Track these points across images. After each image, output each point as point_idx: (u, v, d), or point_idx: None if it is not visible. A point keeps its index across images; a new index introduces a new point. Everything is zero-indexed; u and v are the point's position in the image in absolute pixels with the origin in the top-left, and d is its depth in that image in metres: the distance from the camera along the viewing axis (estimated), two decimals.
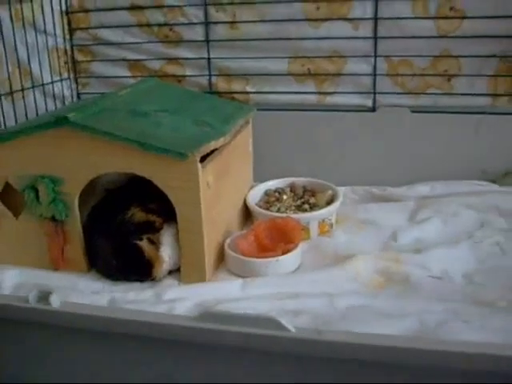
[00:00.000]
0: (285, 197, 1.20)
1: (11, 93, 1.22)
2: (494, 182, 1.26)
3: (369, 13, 1.25)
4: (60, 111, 1.24)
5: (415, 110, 1.28)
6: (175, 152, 0.89)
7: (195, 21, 1.34)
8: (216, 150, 1.00)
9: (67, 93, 1.41)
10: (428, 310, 0.84)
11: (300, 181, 1.25)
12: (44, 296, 0.56)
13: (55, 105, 1.37)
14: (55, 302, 0.57)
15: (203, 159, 0.93)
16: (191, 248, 0.96)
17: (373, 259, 0.99)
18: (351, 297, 0.91)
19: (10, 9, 1.21)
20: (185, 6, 1.33)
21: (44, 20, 1.31)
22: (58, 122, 0.93)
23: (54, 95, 1.36)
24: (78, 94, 1.46)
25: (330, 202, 1.17)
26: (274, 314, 0.53)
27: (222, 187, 1.03)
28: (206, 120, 1.07)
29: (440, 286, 0.92)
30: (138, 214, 0.98)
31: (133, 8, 1.36)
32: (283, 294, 0.92)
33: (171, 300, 0.91)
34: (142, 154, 0.91)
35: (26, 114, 1.25)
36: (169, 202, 0.94)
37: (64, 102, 1.40)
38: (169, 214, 0.97)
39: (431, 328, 0.78)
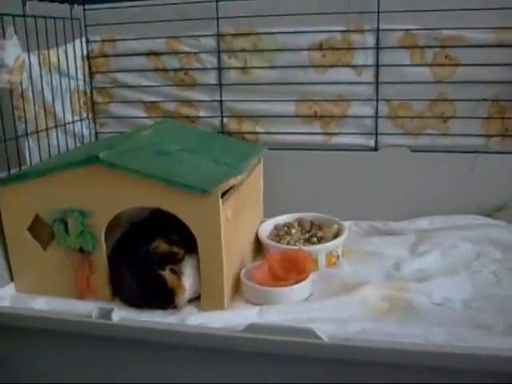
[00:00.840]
0: (293, 231, 1.28)
1: (37, 132, 1.30)
2: (488, 215, 1.34)
3: (371, 60, 1.35)
4: (82, 149, 1.32)
5: (414, 150, 1.37)
6: (199, 189, 0.97)
7: (209, 66, 1.43)
8: (233, 186, 1.08)
9: (86, 132, 1.49)
10: (431, 332, 0.92)
11: (307, 216, 1.32)
12: (105, 312, 0.63)
13: (75, 143, 1.45)
14: (116, 316, 0.64)
15: (222, 195, 1.01)
16: (211, 277, 1.03)
17: (378, 287, 1.07)
18: (359, 322, 0.98)
19: (38, 54, 1.30)
20: (200, 52, 1.42)
21: (67, 64, 1.40)
22: (90, 160, 1.01)
23: (74, 134, 1.45)
24: (96, 134, 1.54)
25: (336, 235, 1.25)
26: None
27: (238, 221, 1.10)
28: (223, 159, 1.15)
29: (441, 311, 1.00)
30: (161, 246, 1.05)
31: (150, 54, 1.45)
32: (297, 319, 0.99)
33: (196, 325, 0.98)
34: (167, 190, 0.99)
35: (50, 152, 1.33)
36: (190, 234, 1.02)
37: (83, 141, 1.48)
38: (190, 245, 1.05)
39: None
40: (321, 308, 1.02)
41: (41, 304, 1.07)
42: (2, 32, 1.16)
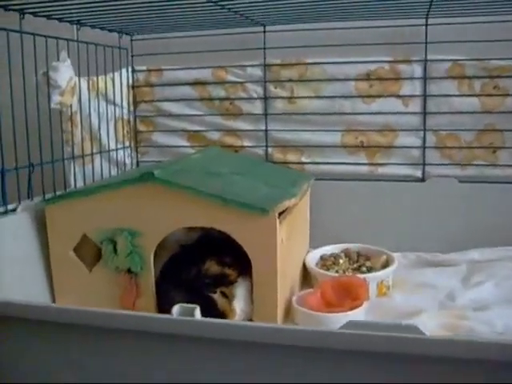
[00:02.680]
0: (341, 261, 1.25)
1: (82, 156, 1.30)
2: None
3: (418, 90, 1.35)
4: (126, 174, 1.32)
5: (462, 180, 1.35)
6: (257, 208, 0.95)
7: (255, 96, 1.44)
8: (287, 209, 1.06)
9: (127, 160, 1.49)
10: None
11: (354, 246, 1.30)
12: (188, 311, 0.61)
13: (117, 171, 1.45)
14: (199, 315, 0.61)
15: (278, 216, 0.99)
16: (265, 301, 0.99)
17: (435, 316, 1.03)
18: None
19: (88, 80, 1.31)
20: (246, 82, 1.43)
21: (114, 92, 1.41)
22: (144, 177, 1.00)
23: (116, 161, 1.44)
24: (138, 162, 1.54)
25: (385, 265, 1.22)
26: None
27: (290, 246, 1.08)
28: (274, 182, 1.14)
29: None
30: (213, 267, 1.01)
31: (196, 83, 1.46)
32: None
33: None
34: (222, 209, 0.96)
35: (93, 177, 1.32)
36: (242, 256, 0.99)
37: (124, 169, 1.48)
38: (242, 267, 1.02)
39: None
40: None
41: None
42: (56, 54, 1.17)
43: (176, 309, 0.62)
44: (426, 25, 1.30)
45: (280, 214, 1.01)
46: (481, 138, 1.34)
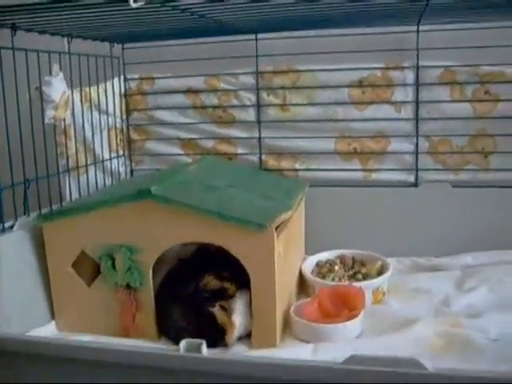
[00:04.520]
0: (336, 267, 1.26)
1: (77, 168, 1.30)
2: None
3: (410, 97, 1.36)
4: (122, 186, 1.32)
5: (455, 185, 1.36)
6: (255, 223, 0.96)
7: (248, 103, 1.44)
8: (283, 222, 1.07)
9: (121, 169, 1.49)
10: (496, 369, 0.89)
11: (349, 252, 1.31)
12: (194, 345, 0.61)
13: (111, 180, 1.45)
14: (205, 350, 0.62)
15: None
16: (263, 314, 1.00)
17: (430, 324, 1.04)
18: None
19: (80, 92, 1.31)
20: (238, 90, 1.43)
21: (106, 102, 1.41)
22: (141, 194, 1.00)
23: (111, 171, 1.44)
24: (132, 171, 1.54)
25: (380, 271, 1.23)
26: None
27: (287, 257, 1.09)
28: (270, 194, 1.15)
29: (499, 347, 0.97)
30: (212, 282, 1.02)
31: (189, 91, 1.46)
32: None
33: None
34: (220, 224, 0.97)
35: (88, 189, 1.32)
36: (240, 270, 1.00)
37: (119, 178, 1.48)
38: (240, 281, 1.03)
39: None
40: (376, 345, 1.00)
41: None
42: (48, 68, 1.17)
43: (183, 344, 0.63)
44: (418, 31, 1.31)
45: (277, 227, 1.02)
46: (473, 143, 1.35)
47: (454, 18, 1.21)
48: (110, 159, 1.44)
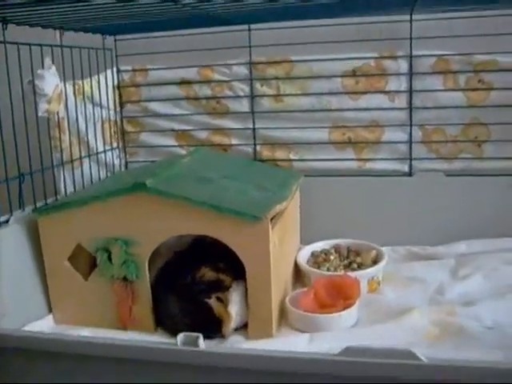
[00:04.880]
0: (332, 257, 1.27)
1: (71, 161, 1.30)
2: None
3: (404, 86, 1.36)
4: (118, 178, 1.32)
5: (449, 174, 1.37)
6: (250, 215, 0.96)
7: (241, 94, 1.44)
8: (278, 213, 1.07)
9: (116, 161, 1.49)
10: (490, 356, 0.90)
11: (344, 242, 1.32)
12: (191, 339, 0.62)
13: (106, 173, 1.45)
14: (202, 344, 0.62)
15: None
16: (259, 305, 1.01)
17: (425, 312, 1.05)
18: (414, 348, 0.95)
19: (73, 84, 1.30)
20: (232, 80, 1.43)
21: (100, 94, 1.41)
22: (136, 187, 1.00)
23: (105, 164, 1.44)
24: (126, 163, 1.54)
25: (375, 260, 1.24)
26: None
27: (282, 248, 1.09)
28: (264, 185, 1.15)
29: (494, 335, 0.98)
30: (208, 274, 1.03)
31: (182, 83, 1.46)
32: None
33: None
34: (215, 216, 0.98)
35: (83, 182, 1.32)
36: (236, 261, 1.00)
37: (113, 170, 1.48)
38: (236, 272, 1.03)
39: None
40: (372, 334, 1.01)
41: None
42: (41, 62, 1.16)
43: (180, 338, 0.63)
44: (411, 20, 1.31)
45: (272, 218, 1.03)
46: (466, 132, 1.36)
47: (446, 7, 1.21)
48: (105, 152, 1.43)
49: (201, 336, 0.64)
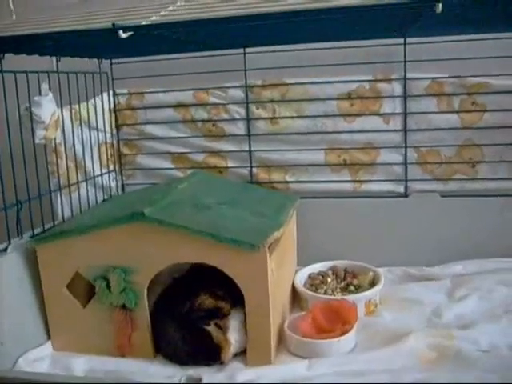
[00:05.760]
0: (329, 279, 1.27)
1: (69, 186, 1.30)
2: None
3: (398, 108, 1.37)
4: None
5: (444, 195, 1.38)
6: (248, 244, 0.97)
7: (237, 117, 1.45)
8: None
9: (113, 184, 1.49)
10: (485, 381, 0.92)
11: (341, 263, 1.32)
12: (193, 381, 0.62)
13: (103, 195, 1.45)
14: None
15: None
16: (258, 331, 1.02)
17: (423, 336, 1.06)
18: (412, 373, 0.97)
19: (70, 109, 1.31)
20: (228, 103, 1.44)
21: (96, 118, 1.41)
22: (135, 217, 1.01)
23: (102, 187, 1.45)
24: (123, 185, 1.54)
25: (372, 282, 1.25)
26: None
27: (280, 273, 1.10)
28: (262, 211, 1.16)
29: (490, 358, 0.99)
30: (207, 301, 1.03)
31: (178, 106, 1.47)
32: (348, 372, 0.99)
33: (246, 382, 0.97)
34: (213, 245, 0.98)
35: (80, 206, 1.33)
36: (234, 287, 1.01)
37: (110, 193, 1.48)
38: (234, 298, 1.04)
39: None
40: (370, 359, 1.02)
41: (82, 363, 1.06)
42: (37, 87, 1.17)
43: (183, 379, 0.64)
44: (405, 44, 1.32)
45: (269, 246, 1.03)
46: (461, 153, 1.37)
47: (440, 31, 1.23)
48: (101, 175, 1.44)
49: (203, 378, 0.65)
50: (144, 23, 0.79)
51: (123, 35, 0.78)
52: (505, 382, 0.91)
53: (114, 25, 0.78)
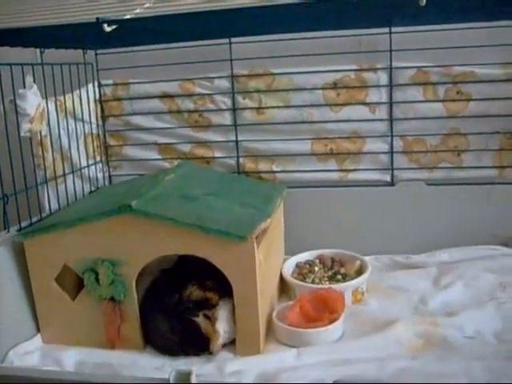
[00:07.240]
0: (316, 268, 1.28)
1: (55, 178, 1.30)
2: (505, 245, 1.35)
3: (384, 98, 1.38)
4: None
5: (430, 183, 1.39)
6: (235, 235, 0.98)
7: (224, 107, 1.44)
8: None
9: (99, 175, 1.49)
10: (470, 368, 0.93)
11: (328, 252, 1.33)
12: (184, 375, 0.63)
13: (90, 187, 1.45)
14: (194, 379, 0.63)
15: None
16: (247, 321, 1.03)
17: (409, 324, 1.08)
18: (398, 360, 0.99)
19: (55, 101, 1.30)
20: (214, 94, 1.44)
21: (81, 109, 1.40)
22: (122, 209, 1.01)
23: (89, 178, 1.44)
24: (110, 176, 1.54)
25: (359, 271, 1.26)
26: None
27: (267, 263, 1.10)
28: (248, 202, 1.16)
29: (475, 345, 1.01)
30: (195, 292, 1.04)
31: (164, 96, 1.46)
32: (336, 360, 1.00)
33: (235, 372, 0.98)
34: (201, 236, 0.99)
35: (67, 198, 1.32)
36: (222, 278, 1.01)
37: (97, 184, 1.48)
38: (222, 289, 1.05)
39: None
40: (357, 348, 1.03)
41: (72, 355, 1.07)
42: (22, 80, 1.16)
43: (172, 375, 0.64)
44: (390, 33, 1.32)
45: (256, 236, 1.04)
46: (446, 142, 1.38)
47: (425, 21, 1.23)
48: (88, 166, 1.43)
49: (193, 372, 0.65)
50: (128, 17, 0.79)
51: (108, 29, 0.77)
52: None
53: (98, 19, 0.77)
